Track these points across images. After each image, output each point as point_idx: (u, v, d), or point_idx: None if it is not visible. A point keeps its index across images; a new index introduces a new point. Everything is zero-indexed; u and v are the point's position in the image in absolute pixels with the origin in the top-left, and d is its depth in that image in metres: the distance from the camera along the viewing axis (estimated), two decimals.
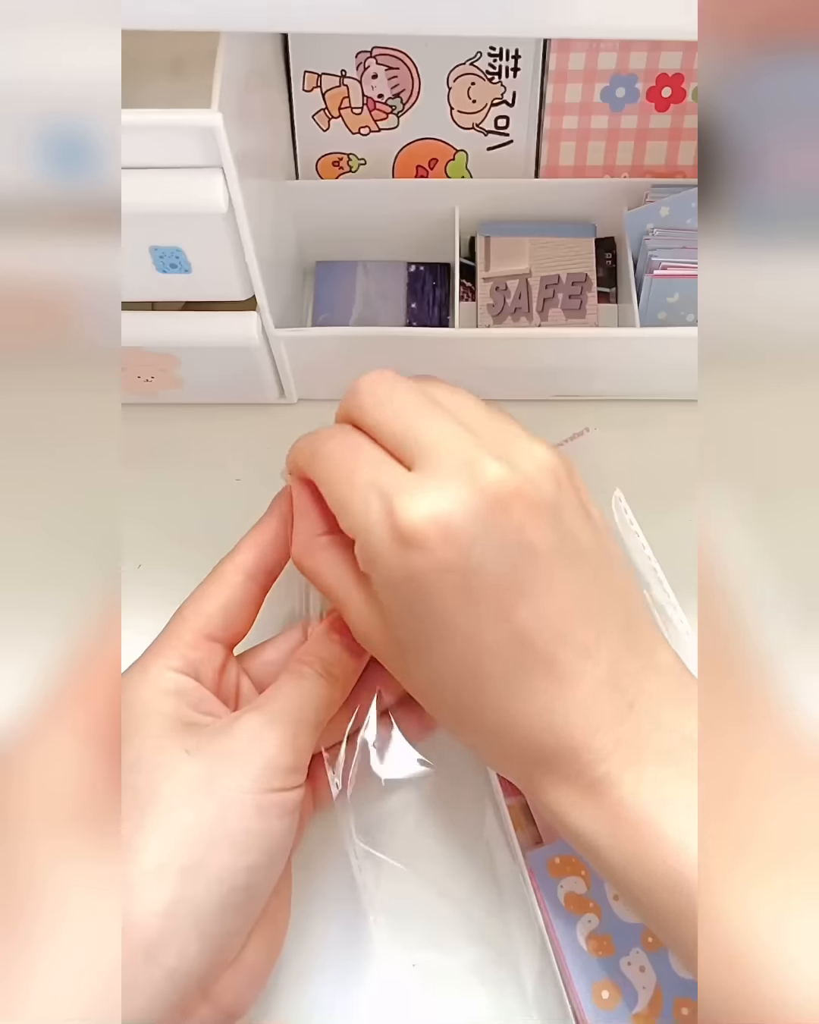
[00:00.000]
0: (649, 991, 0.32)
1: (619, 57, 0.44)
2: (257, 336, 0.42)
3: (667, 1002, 0.31)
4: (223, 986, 0.29)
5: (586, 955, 0.32)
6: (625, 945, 0.32)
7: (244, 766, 0.29)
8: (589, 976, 0.32)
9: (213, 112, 0.31)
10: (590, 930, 0.33)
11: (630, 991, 0.32)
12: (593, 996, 0.32)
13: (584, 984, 0.32)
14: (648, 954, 0.32)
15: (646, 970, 0.32)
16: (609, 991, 0.32)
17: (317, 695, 0.32)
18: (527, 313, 0.47)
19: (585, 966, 0.32)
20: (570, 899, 0.33)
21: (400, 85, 0.45)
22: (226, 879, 0.28)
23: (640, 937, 0.32)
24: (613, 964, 0.32)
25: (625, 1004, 0.31)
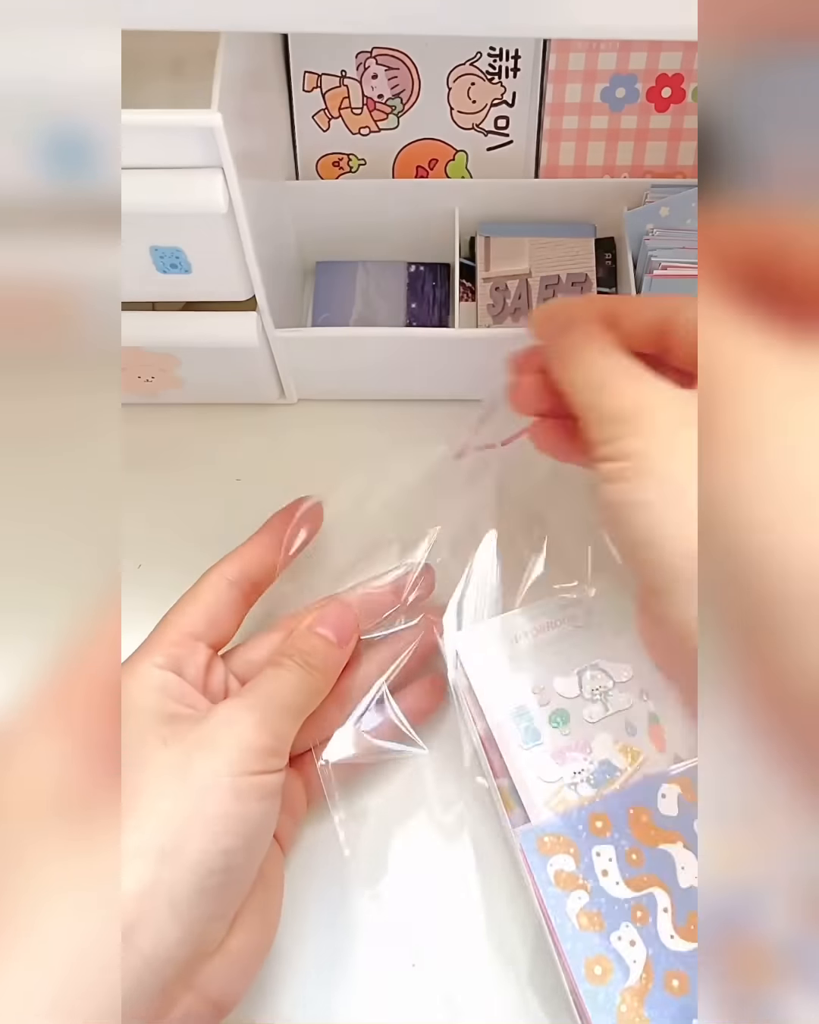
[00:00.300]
0: (640, 965, 0.32)
1: (619, 57, 0.44)
2: (257, 336, 0.42)
3: (657, 975, 0.32)
4: (208, 975, 0.29)
5: (578, 931, 0.33)
6: (615, 920, 0.33)
7: (219, 750, 0.30)
8: (582, 952, 0.32)
9: (213, 112, 0.31)
10: (581, 906, 0.33)
11: (621, 965, 0.32)
12: (587, 972, 0.32)
13: (578, 960, 0.32)
14: (638, 928, 0.33)
15: (636, 944, 0.33)
16: (601, 966, 0.32)
17: (295, 683, 0.33)
18: (527, 313, 0.47)
19: (577, 942, 0.33)
20: (560, 876, 0.34)
21: (400, 85, 0.45)
22: (203, 862, 0.28)
23: (630, 911, 0.33)
24: (604, 939, 0.33)
25: (617, 978, 0.32)
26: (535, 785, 0.35)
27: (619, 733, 0.36)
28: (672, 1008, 0.31)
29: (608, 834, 0.34)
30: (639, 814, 0.34)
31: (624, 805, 0.35)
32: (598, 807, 0.35)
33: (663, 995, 0.32)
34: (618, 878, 0.34)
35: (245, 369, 0.45)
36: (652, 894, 0.33)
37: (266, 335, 0.42)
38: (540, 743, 0.36)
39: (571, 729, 0.37)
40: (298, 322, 0.49)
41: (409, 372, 0.46)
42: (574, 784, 0.35)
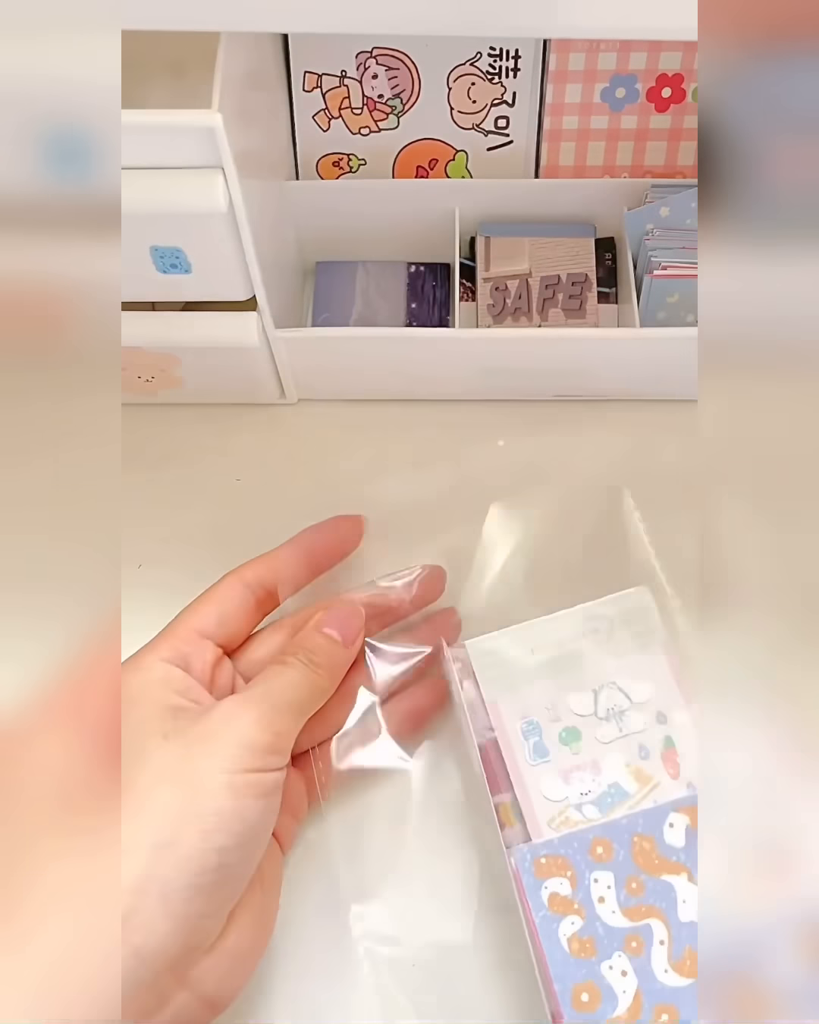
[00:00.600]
0: (630, 996, 0.32)
1: (619, 57, 0.44)
2: (257, 336, 0.42)
3: (647, 1008, 0.31)
4: (202, 973, 0.29)
5: (568, 956, 0.32)
6: (607, 949, 0.32)
7: (218, 746, 0.29)
8: (570, 977, 0.32)
9: (213, 112, 0.31)
10: (573, 931, 0.32)
11: (610, 995, 0.32)
12: (573, 998, 0.32)
13: (564, 985, 0.32)
14: (631, 958, 0.32)
15: (627, 975, 0.32)
16: (589, 993, 0.32)
17: (298, 681, 0.32)
18: (527, 313, 0.47)
19: (566, 967, 0.32)
20: (554, 900, 0.33)
21: (400, 85, 0.45)
22: (196, 858, 0.28)
23: (623, 941, 0.32)
24: (594, 967, 0.32)
25: (604, 1007, 0.31)
26: (539, 803, 0.35)
27: (631, 756, 0.35)
28: None
29: (608, 860, 0.33)
30: (643, 842, 0.34)
31: (629, 831, 0.34)
32: (600, 831, 0.34)
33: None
34: (615, 906, 0.33)
35: (245, 369, 0.45)
36: (649, 925, 0.33)
37: (266, 335, 0.42)
38: (547, 760, 0.35)
39: (581, 748, 0.36)
40: (298, 322, 0.49)
41: (409, 372, 0.46)
42: (580, 805, 0.35)
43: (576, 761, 0.35)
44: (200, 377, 0.45)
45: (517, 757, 0.35)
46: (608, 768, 0.35)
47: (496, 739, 0.36)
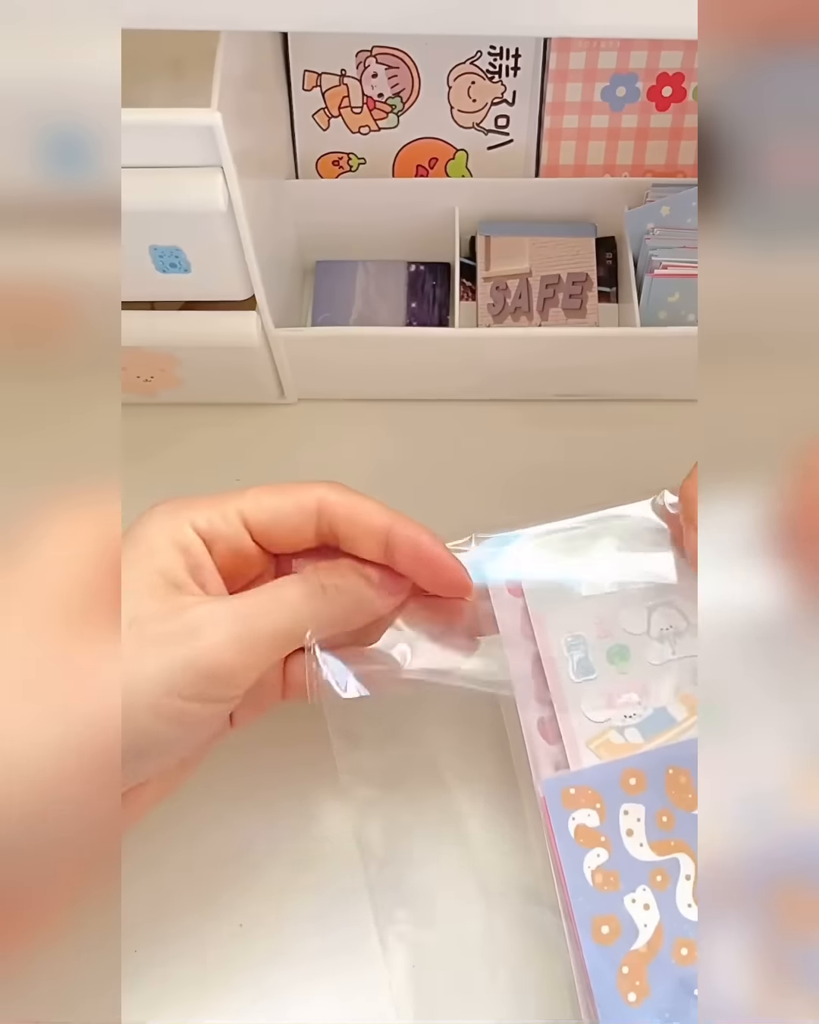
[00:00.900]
0: (651, 929, 0.31)
1: (619, 56, 0.44)
2: (257, 336, 0.42)
3: (667, 941, 0.31)
4: None
5: (591, 888, 0.31)
6: (632, 882, 0.31)
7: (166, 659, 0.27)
8: (591, 909, 0.31)
9: (213, 111, 0.31)
10: (598, 864, 0.31)
11: (630, 928, 0.31)
12: (593, 930, 0.31)
13: (585, 917, 0.31)
14: (655, 892, 0.31)
15: (650, 908, 0.31)
16: (609, 926, 0.31)
17: (297, 608, 0.29)
18: (527, 313, 0.47)
19: (588, 899, 0.31)
20: (580, 832, 0.32)
21: (400, 84, 0.45)
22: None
23: (649, 875, 0.31)
24: (617, 900, 0.31)
25: (624, 939, 0.31)
26: (580, 722, 0.33)
27: (683, 681, 0.33)
28: (674, 977, 0.30)
29: (641, 792, 0.32)
30: (678, 775, 0.32)
31: (664, 763, 0.32)
32: (634, 762, 0.32)
33: (668, 963, 0.30)
34: (643, 839, 0.32)
35: (245, 369, 0.45)
36: (676, 859, 0.32)
37: (266, 335, 0.42)
38: (593, 678, 0.33)
39: (630, 668, 0.33)
40: (298, 322, 0.49)
41: (409, 372, 0.46)
42: (622, 728, 0.33)
43: (623, 681, 0.33)
44: (199, 377, 0.45)
45: (560, 673, 0.33)
46: (656, 692, 0.33)
47: (538, 654, 0.33)
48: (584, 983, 0.31)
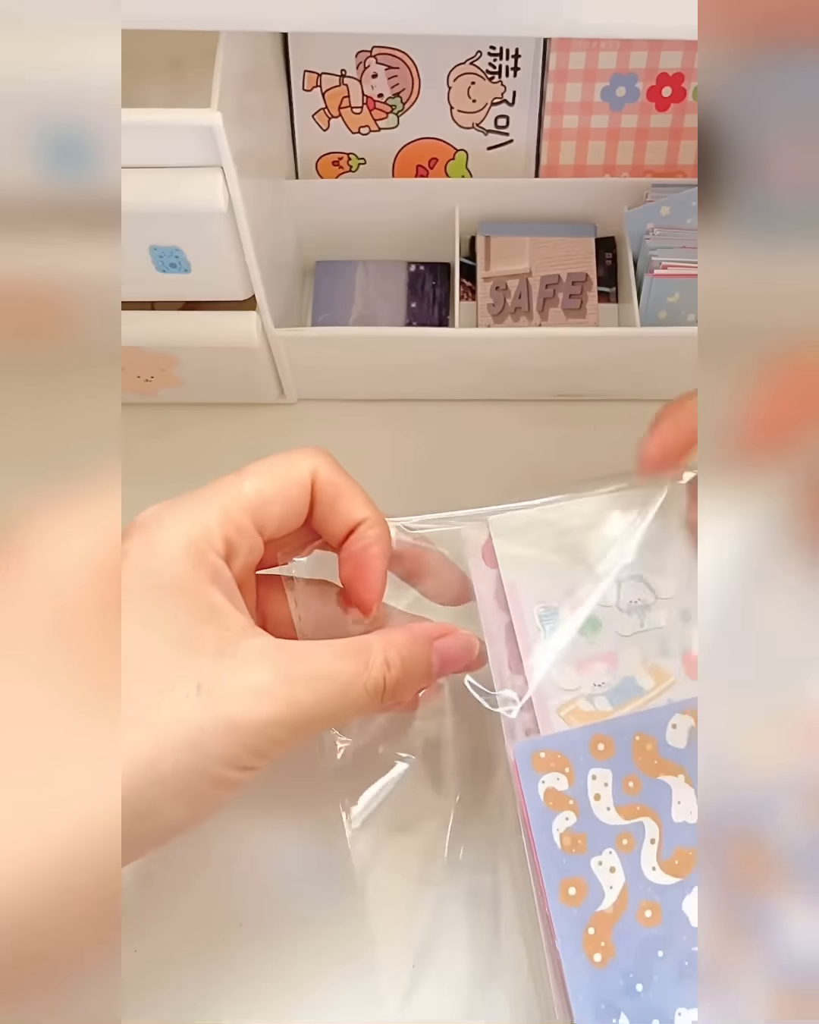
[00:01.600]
0: (616, 891, 0.32)
1: (619, 56, 0.44)
2: (257, 336, 0.42)
3: (632, 903, 0.31)
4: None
5: (558, 851, 0.32)
6: (599, 845, 0.32)
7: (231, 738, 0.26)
8: (558, 871, 0.32)
9: (212, 111, 0.31)
10: (567, 827, 0.32)
11: (597, 889, 0.32)
12: (560, 891, 0.31)
13: (553, 879, 0.32)
14: (621, 855, 0.32)
15: (616, 871, 0.32)
16: (576, 888, 0.32)
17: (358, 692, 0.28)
18: (527, 313, 0.47)
19: (556, 861, 0.32)
20: (550, 794, 0.32)
21: (400, 84, 0.45)
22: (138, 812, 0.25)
23: (615, 838, 0.32)
24: (583, 862, 0.32)
25: (590, 901, 0.31)
26: (551, 690, 0.33)
27: (650, 652, 0.34)
28: (639, 938, 0.31)
29: (609, 757, 0.33)
30: (644, 741, 0.33)
31: (631, 730, 0.33)
32: (603, 728, 0.33)
33: (633, 924, 0.31)
34: (610, 803, 0.32)
35: (245, 369, 0.45)
36: (642, 823, 0.32)
37: (266, 335, 0.42)
38: (563, 647, 0.34)
39: (600, 638, 0.34)
40: (298, 322, 0.49)
41: (409, 372, 0.46)
42: (592, 696, 0.33)
43: (592, 651, 0.34)
44: (199, 377, 0.45)
45: (532, 643, 0.34)
46: (625, 662, 0.34)
47: (511, 623, 0.34)
48: (551, 945, 0.31)
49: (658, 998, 0.30)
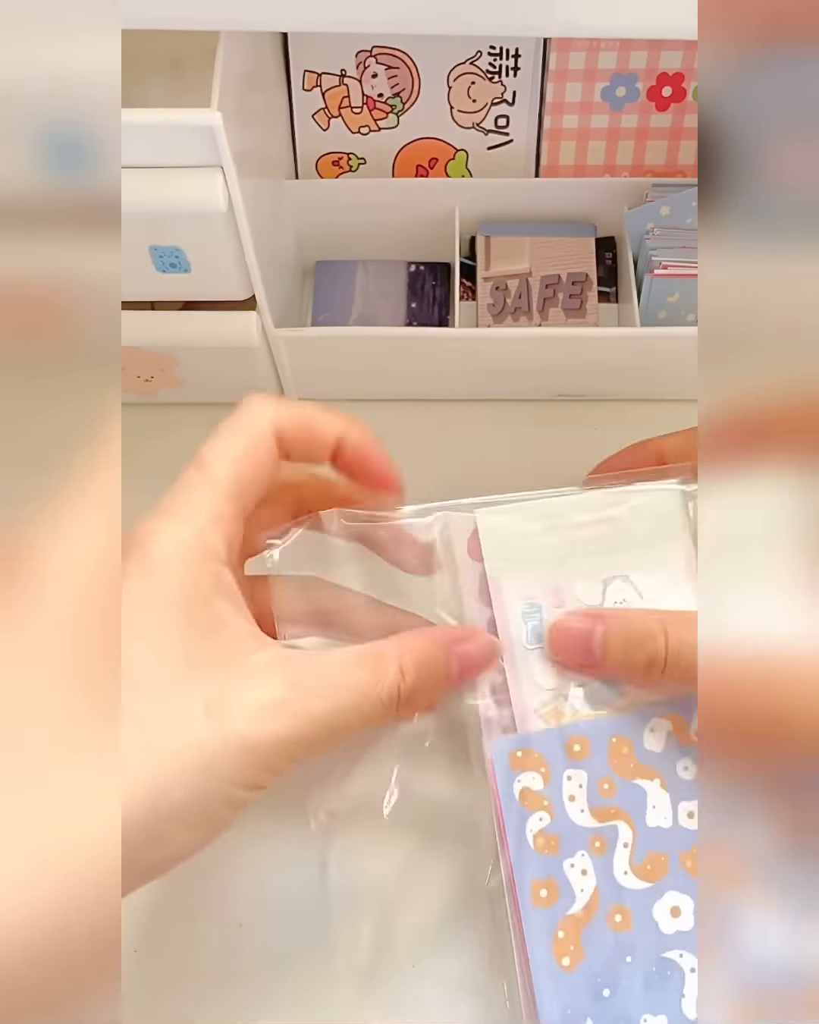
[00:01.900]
0: (587, 894, 0.31)
1: (619, 56, 0.44)
2: (257, 336, 0.42)
3: (603, 907, 0.31)
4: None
5: (531, 851, 0.32)
6: (571, 847, 0.32)
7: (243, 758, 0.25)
8: (531, 872, 0.32)
9: (212, 111, 0.31)
10: (541, 828, 0.32)
11: (568, 892, 0.31)
12: (532, 893, 0.31)
13: (524, 880, 0.31)
14: (593, 858, 0.32)
15: (588, 874, 0.32)
16: (547, 889, 0.31)
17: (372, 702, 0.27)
18: (527, 313, 0.47)
19: (528, 862, 0.32)
20: (525, 794, 0.32)
21: (400, 84, 0.45)
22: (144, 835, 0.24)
23: (588, 841, 0.32)
24: (556, 864, 0.32)
25: (561, 904, 0.31)
26: (529, 688, 0.33)
27: None
28: (608, 942, 0.31)
29: (584, 758, 0.32)
30: (621, 744, 0.33)
31: (608, 732, 0.33)
32: (580, 729, 0.33)
33: (603, 929, 0.31)
34: (584, 805, 0.32)
35: (244, 369, 0.45)
36: (615, 827, 0.32)
37: (266, 335, 0.42)
38: (545, 646, 0.33)
39: None
40: (298, 322, 0.49)
41: (409, 372, 0.46)
42: (570, 697, 0.33)
43: None
44: (199, 377, 0.45)
45: (514, 640, 0.33)
46: None
47: (493, 618, 0.33)
48: (521, 946, 0.31)
49: (624, 1004, 0.30)
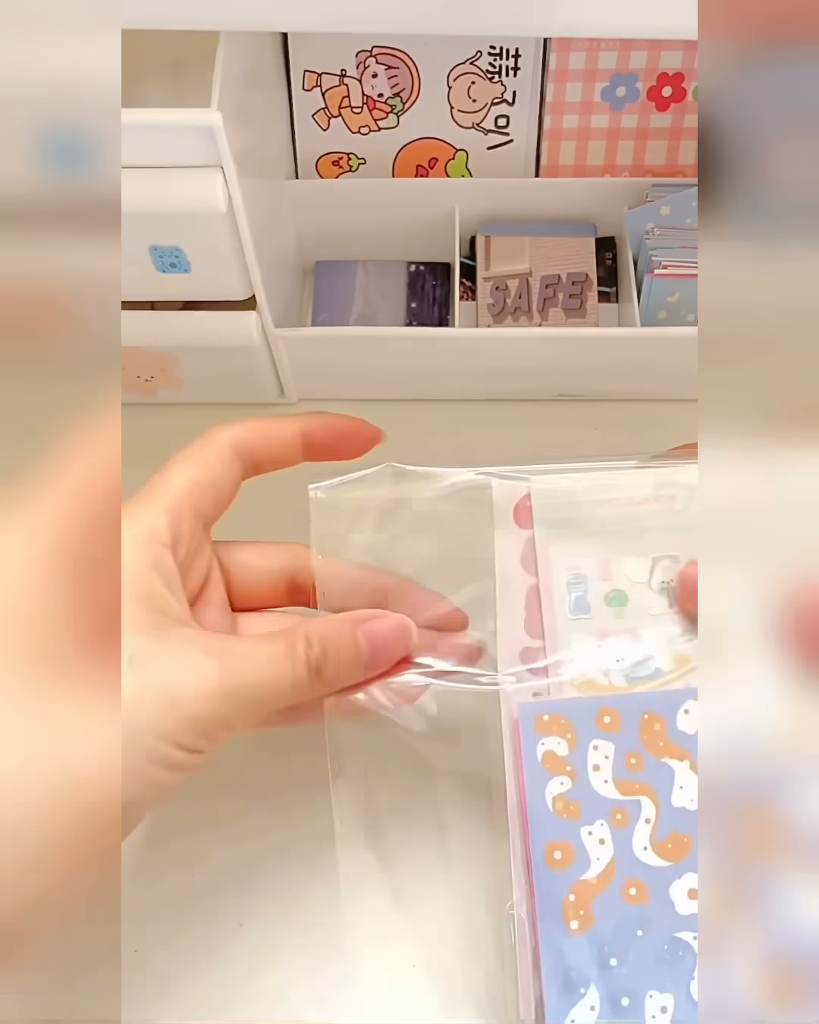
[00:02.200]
0: (602, 863, 0.31)
1: (619, 56, 0.44)
2: (257, 336, 0.42)
3: (618, 878, 0.31)
4: None
5: (549, 813, 0.31)
6: (591, 815, 0.31)
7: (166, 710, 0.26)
8: (546, 834, 0.31)
9: (213, 111, 0.31)
10: (561, 791, 0.32)
11: (583, 858, 0.31)
12: (546, 854, 0.31)
13: (539, 841, 0.31)
14: (613, 829, 0.31)
15: (606, 843, 0.31)
16: (562, 852, 0.31)
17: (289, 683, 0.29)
18: (527, 313, 0.47)
19: (545, 823, 0.31)
20: (548, 757, 0.32)
21: (400, 84, 0.45)
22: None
23: (609, 811, 0.32)
24: (574, 829, 0.31)
25: (575, 868, 0.31)
26: (568, 658, 0.33)
27: (675, 635, 0.33)
28: (619, 913, 0.30)
29: (614, 730, 0.32)
30: (653, 720, 0.32)
31: (641, 707, 0.32)
32: (612, 702, 0.32)
33: (616, 899, 0.31)
34: (609, 776, 0.32)
35: (245, 368, 0.45)
36: (639, 802, 0.32)
37: (266, 334, 0.42)
38: (588, 617, 0.33)
39: (626, 613, 0.33)
40: (298, 321, 0.49)
41: (409, 372, 0.46)
42: (608, 671, 0.33)
43: (617, 625, 0.33)
44: (199, 377, 0.45)
45: (557, 608, 0.33)
46: (648, 641, 0.33)
47: (536, 585, 0.33)
48: (529, 908, 0.31)
49: (631, 976, 0.30)
